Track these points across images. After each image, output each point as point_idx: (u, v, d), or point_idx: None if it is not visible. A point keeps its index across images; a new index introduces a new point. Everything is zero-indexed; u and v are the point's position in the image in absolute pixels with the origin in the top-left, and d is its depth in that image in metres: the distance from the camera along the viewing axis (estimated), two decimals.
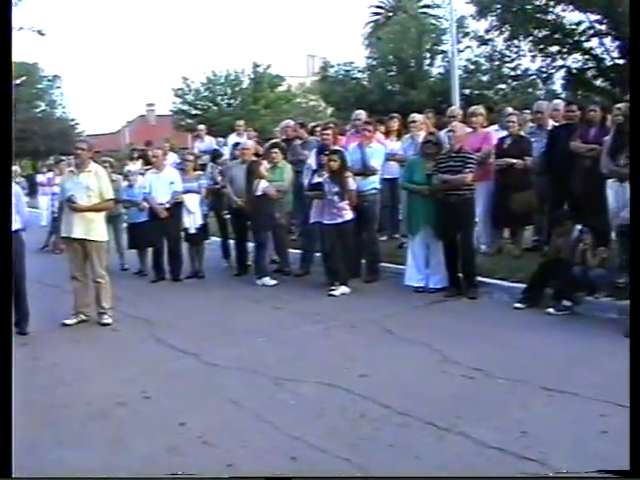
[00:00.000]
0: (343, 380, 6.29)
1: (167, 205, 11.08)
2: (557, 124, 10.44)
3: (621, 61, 28.03)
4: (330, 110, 38.80)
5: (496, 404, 5.71)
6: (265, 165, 10.83)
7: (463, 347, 7.12)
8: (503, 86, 32.71)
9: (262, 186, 10.49)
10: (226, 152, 13.81)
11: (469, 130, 10.47)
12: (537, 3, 28.49)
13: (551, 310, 8.24)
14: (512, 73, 31.69)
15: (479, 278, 9.36)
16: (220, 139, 17.45)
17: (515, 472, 4.56)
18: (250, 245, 11.35)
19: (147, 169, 12.36)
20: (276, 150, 11.25)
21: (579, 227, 8.55)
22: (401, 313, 8.66)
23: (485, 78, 32.60)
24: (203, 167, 12.66)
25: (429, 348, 7.14)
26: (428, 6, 38.09)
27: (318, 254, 10.61)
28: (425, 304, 9.04)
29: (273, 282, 10.51)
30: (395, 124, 12.36)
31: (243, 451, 5.03)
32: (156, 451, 5.08)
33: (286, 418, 5.57)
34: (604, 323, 7.83)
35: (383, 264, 10.57)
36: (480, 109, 11.15)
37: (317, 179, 10.01)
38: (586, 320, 8.02)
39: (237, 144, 12.76)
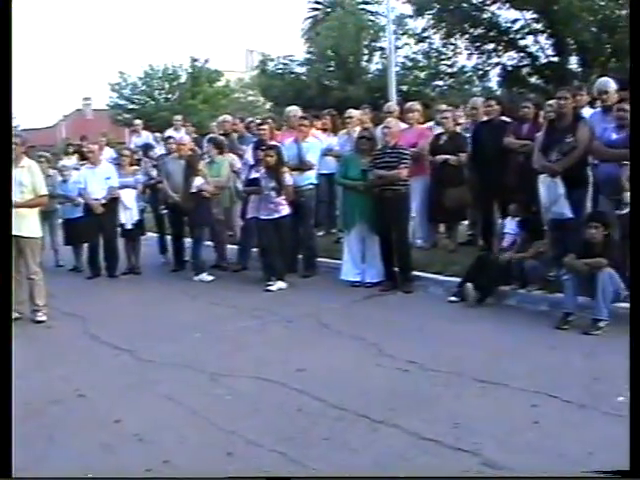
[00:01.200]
0: (279, 375, 6.31)
1: (103, 201, 10.94)
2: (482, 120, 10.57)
3: (555, 59, 28.56)
4: (269, 105, 38.71)
5: (430, 396, 5.78)
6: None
7: (398, 340, 7.20)
8: (440, 83, 33.11)
9: (196, 183, 10.44)
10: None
11: (405, 126, 10.59)
12: (473, 1, 28.85)
13: (483, 302, 8.40)
14: (449, 70, 32.10)
15: (414, 272, 9.46)
16: (157, 134, 17.30)
17: (447, 462, 4.63)
18: (187, 241, 11.29)
19: (82, 164, 12.20)
20: (212, 145, 11.23)
21: (512, 221, 8.72)
22: (337, 307, 8.72)
23: (422, 75, 32.97)
24: (140, 162, 12.54)
25: (365, 342, 7.20)
26: (367, 2, 38.19)
27: (255, 249, 10.61)
28: (361, 298, 9.11)
29: (210, 278, 10.48)
30: (332, 119, 12.43)
31: (179, 447, 5.02)
32: (90, 449, 5.03)
33: (222, 414, 5.57)
34: (535, 315, 8.00)
35: (320, 259, 10.63)
36: (416, 105, 11.26)
37: (254, 174, 10.02)
38: (518, 312, 8.17)
39: (169, 138, 12.71)
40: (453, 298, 8.57)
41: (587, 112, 9.13)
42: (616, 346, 6.74)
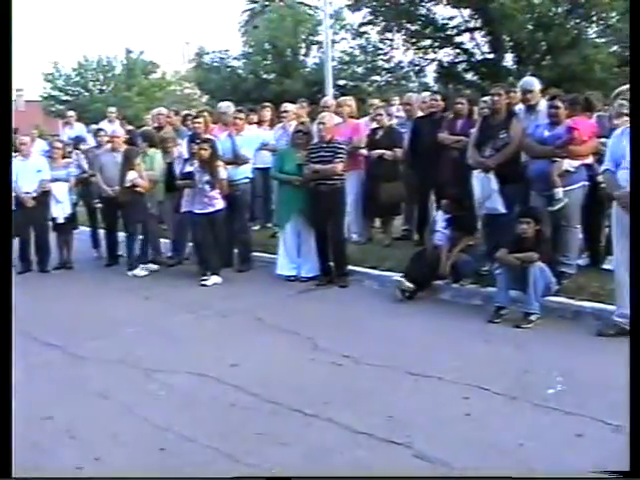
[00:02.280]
0: (213, 370, 6.28)
1: (34, 194, 10.71)
2: (421, 115, 10.66)
3: (491, 56, 28.94)
4: (205, 98, 38.46)
5: (364, 390, 5.81)
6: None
7: (333, 334, 7.23)
8: (377, 78, 33.24)
9: (130, 177, 10.31)
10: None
11: (339, 120, 10.61)
12: None
13: (417, 296, 8.47)
14: (386, 65, 32.25)
15: (350, 267, 9.49)
16: (92, 126, 17.03)
17: (380, 455, 4.67)
18: (121, 235, 11.14)
19: (13, 156, 11.92)
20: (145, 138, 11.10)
21: (444, 218, 8.81)
22: (272, 302, 8.71)
23: (360, 70, 33.10)
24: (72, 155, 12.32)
25: (299, 336, 7.22)
26: None
27: (190, 244, 10.56)
28: (296, 293, 9.12)
29: (144, 272, 10.37)
30: (268, 113, 12.41)
31: (111, 444, 4.97)
32: (20, 447, 4.92)
33: (155, 409, 5.53)
34: (469, 309, 8.10)
35: (255, 253, 10.59)
36: (348, 100, 11.32)
37: (188, 168, 9.94)
38: (452, 306, 8.26)
39: (100, 130, 12.53)
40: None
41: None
42: (546, 339, 6.91)
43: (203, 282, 9.53)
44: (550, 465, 4.44)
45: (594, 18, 27.43)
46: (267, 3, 39.58)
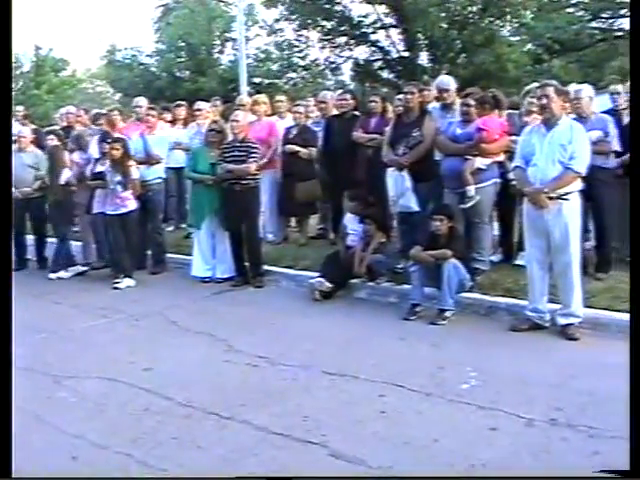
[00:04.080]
0: (126, 374, 6.17)
1: None
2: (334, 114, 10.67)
3: (406, 54, 29.20)
4: (118, 96, 37.83)
5: (279, 390, 5.78)
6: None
7: (248, 335, 7.19)
8: (293, 75, 33.18)
9: (65, 176, 10.05)
10: None
11: (254, 119, 10.56)
12: None
13: (333, 296, 8.49)
14: (301, 63, 32.18)
15: (265, 267, 9.45)
16: None
17: (296, 455, 4.65)
18: (29, 238, 10.84)
19: None
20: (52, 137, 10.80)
21: (355, 218, 8.85)
22: (187, 304, 8.60)
23: (275, 67, 32.95)
24: None
25: (214, 338, 7.14)
26: None
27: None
28: (211, 294, 9.03)
29: (69, 274, 10.12)
30: (182, 112, 12.26)
31: (21, 453, 4.79)
32: None
33: (66, 417, 5.40)
34: (384, 307, 8.14)
35: (169, 255, 10.48)
36: (262, 98, 11.28)
37: (99, 168, 9.73)
38: (367, 305, 8.30)
39: None
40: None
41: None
42: (461, 335, 7.00)
43: (116, 285, 9.35)
44: (464, 459, 4.47)
45: (508, 17, 27.93)
46: None
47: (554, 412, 5.09)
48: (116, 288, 9.32)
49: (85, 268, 10.37)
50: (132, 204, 9.46)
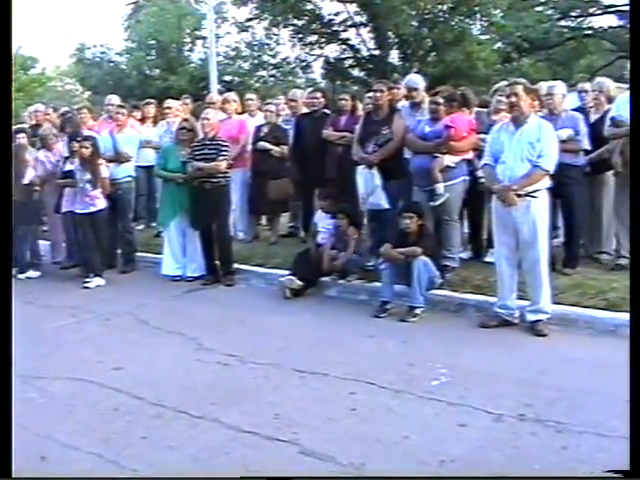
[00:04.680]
0: (96, 374, 6.14)
1: None
2: (304, 112, 10.67)
3: (377, 52, 29.27)
4: (87, 94, 37.52)
5: (250, 389, 5.78)
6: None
7: (219, 334, 7.17)
8: (264, 73, 33.11)
9: (29, 175, 9.95)
10: None
11: (224, 117, 10.54)
12: None
13: (304, 294, 8.50)
14: (272, 61, 32.16)
15: (236, 265, 9.44)
16: None
17: (266, 453, 4.64)
18: None
19: None
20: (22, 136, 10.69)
21: (326, 216, 8.87)
22: (157, 303, 8.57)
23: (246, 65, 32.85)
24: None
25: (184, 337, 7.11)
26: None
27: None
28: (182, 293, 9.01)
29: (37, 274, 10.05)
30: (151, 110, 12.19)
31: None
32: None
33: (35, 417, 5.35)
34: (354, 305, 8.16)
35: (140, 254, 10.43)
36: (233, 96, 11.25)
37: (68, 166, 9.67)
38: (338, 302, 8.32)
39: None
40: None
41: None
42: (431, 332, 7.04)
43: (86, 284, 9.29)
44: (434, 455, 4.50)
45: (478, 15, 28.08)
46: None
47: (523, 407, 5.14)
48: (86, 287, 9.26)
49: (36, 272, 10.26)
50: (101, 203, 9.39)
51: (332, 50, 31.06)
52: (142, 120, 11.96)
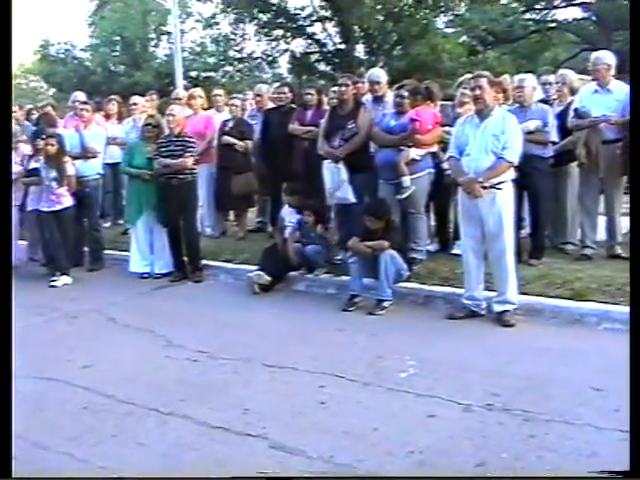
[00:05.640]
0: (64, 373, 6.11)
1: None
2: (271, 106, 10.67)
3: (342, 46, 29.30)
4: (52, 91, 37.21)
5: (219, 384, 5.78)
6: None
7: (188, 330, 7.16)
8: (230, 69, 33.05)
9: None
10: None
11: (190, 113, 10.51)
12: None
13: (272, 289, 8.51)
14: (238, 56, 32.12)
15: (204, 261, 9.43)
16: None
17: (236, 448, 4.65)
18: None
19: None
20: None
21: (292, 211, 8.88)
22: (125, 301, 8.54)
23: (212, 60, 32.77)
24: None
25: (153, 334, 7.10)
26: None
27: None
28: (150, 290, 8.98)
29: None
30: (115, 106, 12.10)
31: None
32: None
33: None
34: (323, 299, 8.19)
35: (107, 251, 10.38)
36: (199, 91, 11.23)
37: (33, 164, 9.58)
38: (307, 297, 8.34)
39: None
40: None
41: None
42: (399, 324, 7.07)
43: (52, 283, 9.23)
44: (403, 446, 4.53)
45: (443, 8, 28.21)
46: None
47: (490, 397, 5.18)
48: (53, 286, 9.20)
49: None
50: (67, 201, 9.34)
51: (298, 45, 31.12)
52: (107, 117, 11.87)
